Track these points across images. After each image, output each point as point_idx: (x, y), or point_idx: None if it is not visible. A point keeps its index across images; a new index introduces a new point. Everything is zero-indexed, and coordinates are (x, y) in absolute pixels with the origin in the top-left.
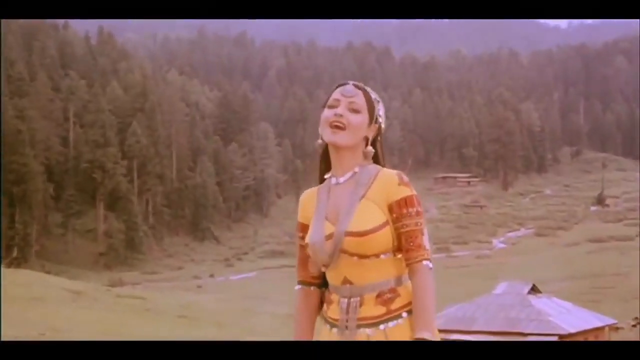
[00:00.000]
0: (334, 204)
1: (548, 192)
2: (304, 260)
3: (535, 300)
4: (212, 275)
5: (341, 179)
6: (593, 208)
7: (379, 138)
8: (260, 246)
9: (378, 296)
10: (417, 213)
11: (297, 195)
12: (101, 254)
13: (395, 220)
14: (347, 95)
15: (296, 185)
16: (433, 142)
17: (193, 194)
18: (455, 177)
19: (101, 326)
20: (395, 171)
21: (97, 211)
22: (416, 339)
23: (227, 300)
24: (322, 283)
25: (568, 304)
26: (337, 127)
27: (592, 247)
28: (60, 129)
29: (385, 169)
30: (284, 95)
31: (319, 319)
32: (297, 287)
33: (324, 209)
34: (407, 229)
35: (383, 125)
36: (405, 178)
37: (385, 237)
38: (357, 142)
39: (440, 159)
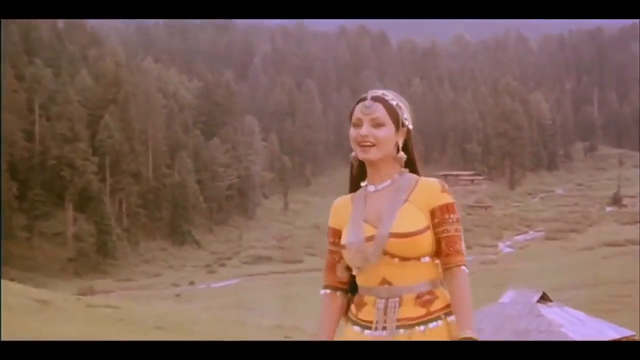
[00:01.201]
0: (374, 208)
1: (559, 191)
2: (333, 264)
3: (546, 310)
4: (192, 283)
5: (380, 186)
6: (609, 209)
7: (409, 141)
8: (245, 251)
9: (417, 297)
10: (457, 220)
11: (285, 195)
12: (70, 259)
13: (437, 225)
14: (367, 112)
15: (284, 185)
16: (433, 137)
17: (171, 193)
18: (458, 175)
19: (70, 339)
20: (436, 179)
21: (66, 213)
22: (463, 338)
23: (208, 310)
24: (349, 289)
25: (581, 314)
26: (366, 145)
27: (607, 252)
28: (25, 122)
29: (425, 177)
30: (271, 85)
31: (342, 322)
32: (324, 291)
33: (362, 213)
34: (448, 234)
35: (411, 127)
36: (447, 186)
37: (427, 240)
38: (390, 152)
39: (441, 155)
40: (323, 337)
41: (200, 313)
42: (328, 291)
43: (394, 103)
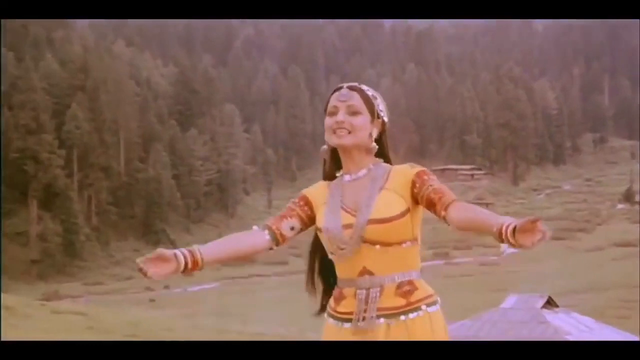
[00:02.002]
0: (351, 196)
1: (566, 187)
2: (284, 216)
3: (551, 316)
4: (167, 287)
5: (355, 175)
6: (620, 206)
7: (383, 134)
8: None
9: (398, 287)
10: (436, 179)
11: (268, 191)
12: (34, 261)
13: (420, 188)
14: (344, 99)
15: (267, 180)
16: (429, 128)
17: (145, 189)
18: (456, 170)
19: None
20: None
21: (30, 210)
22: (504, 227)
23: (185, 317)
24: (327, 280)
25: (590, 321)
26: (341, 132)
27: (618, 253)
28: None
29: (397, 165)
30: (253, 71)
31: (326, 318)
32: (255, 227)
33: (339, 201)
34: (433, 186)
35: (386, 119)
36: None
37: (407, 224)
38: (364, 141)
39: (438, 148)
40: (217, 243)
41: (177, 320)
42: (258, 228)
43: (370, 93)
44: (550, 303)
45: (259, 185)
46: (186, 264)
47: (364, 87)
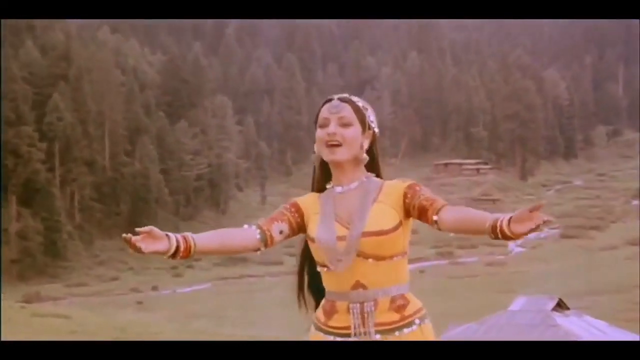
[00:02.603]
0: (344, 208)
1: (578, 182)
2: (275, 218)
3: (562, 319)
4: (155, 288)
5: (347, 188)
6: (635, 202)
7: (374, 145)
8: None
9: (392, 302)
10: (429, 191)
11: (262, 187)
12: (13, 261)
13: (412, 198)
14: (335, 111)
15: (261, 174)
16: (433, 120)
17: (131, 185)
18: (461, 164)
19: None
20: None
21: (9, 207)
22: (499, 220)
23: (174, 320)
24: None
25: (603, 324)
26: (333, 145)
27: (632, 252)
28: None
29: (388, 180)
30: (246, 59)
31: (314, 333)
32: (246, 226)
33: (332, 213)
34: (425, 195)
35: (376, 130)
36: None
37: (400, 238)
38: (356, 153)
39: (441, 141)
40: (198, 237)
41: (165, 323)
42: (249, 227)
43: (360, 104)
44: (560, 305)
45: (252, 180)
46: (177, 247)
47: (355, 98)
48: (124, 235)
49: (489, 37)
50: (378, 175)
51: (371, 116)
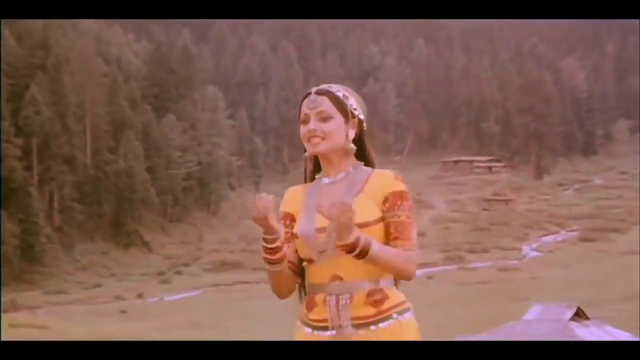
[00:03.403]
0: (327, 199)
1: (598, 181)
2: (286, 240)
3: (581, 329)
4: (140, 296)
5: (333, 178)
6: None
7: (362, 132)
8: (207, 255)
9: (368, 295)
10: (410, 208)
11: (256, 186)
12: None
13: (388, 210)
14: (313, 106)
15: (255, 173)
16: (441, 114)
17: (114, 184)
18: (471, 162)
19: None
20: (391, 170)
21: None
22: (356, 237)
23: (161, 330)
24: (296, 272)
25: (625, 334)
26: (315, 139)
27: None
28: None
29: (380, 169)
30: (239, 48)
31: (299, 326)
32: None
33: (315, 204)
34: (399, 219)
35: (362, 117)
36: (401, 176)
37: (380, 232)
38: (340, 144)
39: (450, 137)
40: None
41: (151, 333)
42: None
43: (340, 94)
44: (579, 314)
45: (246, 179)
46: (281, 245)
47: (334, 87)
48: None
49: (501, 24)
50: (369, 164)
51: (354, 104)
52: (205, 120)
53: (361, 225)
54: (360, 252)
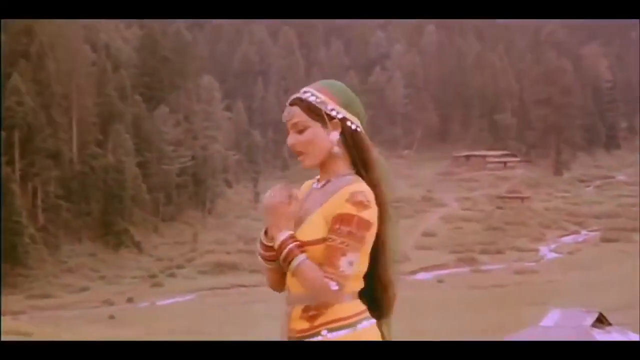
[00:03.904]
0: (305, 207)
1: (621, 177)
2: None
3: (602, 335)
4: (130, 300)
5: (319, 185)
6: None
7: (347, 133)
8: (202, 257)
9: (304, 310)
10: (349, 234)
11: (254, 182)
12: None
13: (328, 232)
14: (287, 120)
15: (253, 169)
16: (452, 105)
17: (103, 180)
18: (485, 156)
19: None
20: (356, 188)
21: None
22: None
23: (153, 337)
24: None
25: None
26: (299, 154)
27: None
28: None
29: (354, 184)
30: (236, 35)
31: None
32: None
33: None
34: (332, 243)
35: (340, 116)
36: (359, 197)
37: (320, 253)
38: (326, 150)
39: (462, 130)
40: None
41: (142, 340)
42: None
43: (313, 99)
44: (601, 320)
45: (244, 175)
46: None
47: (307, 93)
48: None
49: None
50: (364, 166)
51: (329, 106)
52: (200, 112)
53: (303, 244)
54: (285, 260)
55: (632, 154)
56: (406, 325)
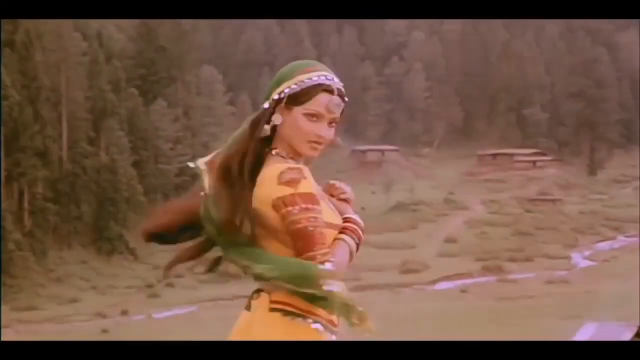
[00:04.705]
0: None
1: None
2: None
3: None
4: (125, 313)
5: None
6: None
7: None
8: (204, 264)
9: None
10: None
11: None
12: None
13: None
14: (333, 111)
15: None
16: (477, 99)
17: (95, 181)
18: (513, 155)
19: None
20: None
21: None
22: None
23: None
24: None
25: None
26: (318, 146)
27: None
28: None
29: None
30: (240, 22)
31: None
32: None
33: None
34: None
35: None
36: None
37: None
38: None
39: (488, 126)
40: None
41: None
42: None
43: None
44: None
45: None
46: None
47: (341, 84)
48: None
49: None
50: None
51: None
52: (200, 107)
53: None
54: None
55: None
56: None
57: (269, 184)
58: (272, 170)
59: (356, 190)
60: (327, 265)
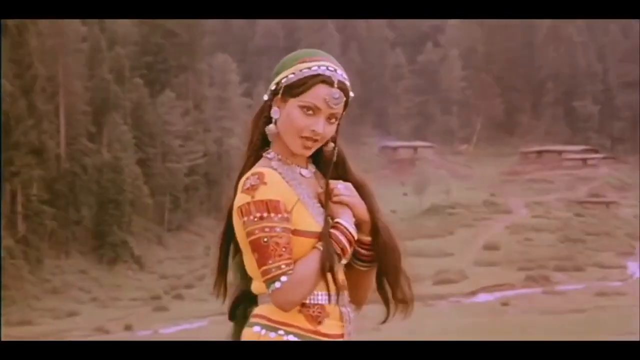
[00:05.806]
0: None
1: None
2: (291, 245)
3: None
4: (129, 328)
5: (309, 173)
6: None
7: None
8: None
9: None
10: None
11: None
12: None
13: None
14: (333, 104)
15: None
16: (520, 90)
17: (96, 181)
18: (561, 152)
19: None
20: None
21: None
22: None
23: None
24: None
25: None
26: (313, 143)
27: None
28: None
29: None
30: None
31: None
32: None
33: (315, 200)
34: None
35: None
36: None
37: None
38: None
39: (533, 120)
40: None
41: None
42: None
43: (347, 84)
44: None
45: None
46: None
47: (344, 74)
48: None
49: None
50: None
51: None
52: (213, 99)
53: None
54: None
55: None
56: None
57: (238, 192)
58: (245, 176)
59: (386, 191)
60: (276, 284)
